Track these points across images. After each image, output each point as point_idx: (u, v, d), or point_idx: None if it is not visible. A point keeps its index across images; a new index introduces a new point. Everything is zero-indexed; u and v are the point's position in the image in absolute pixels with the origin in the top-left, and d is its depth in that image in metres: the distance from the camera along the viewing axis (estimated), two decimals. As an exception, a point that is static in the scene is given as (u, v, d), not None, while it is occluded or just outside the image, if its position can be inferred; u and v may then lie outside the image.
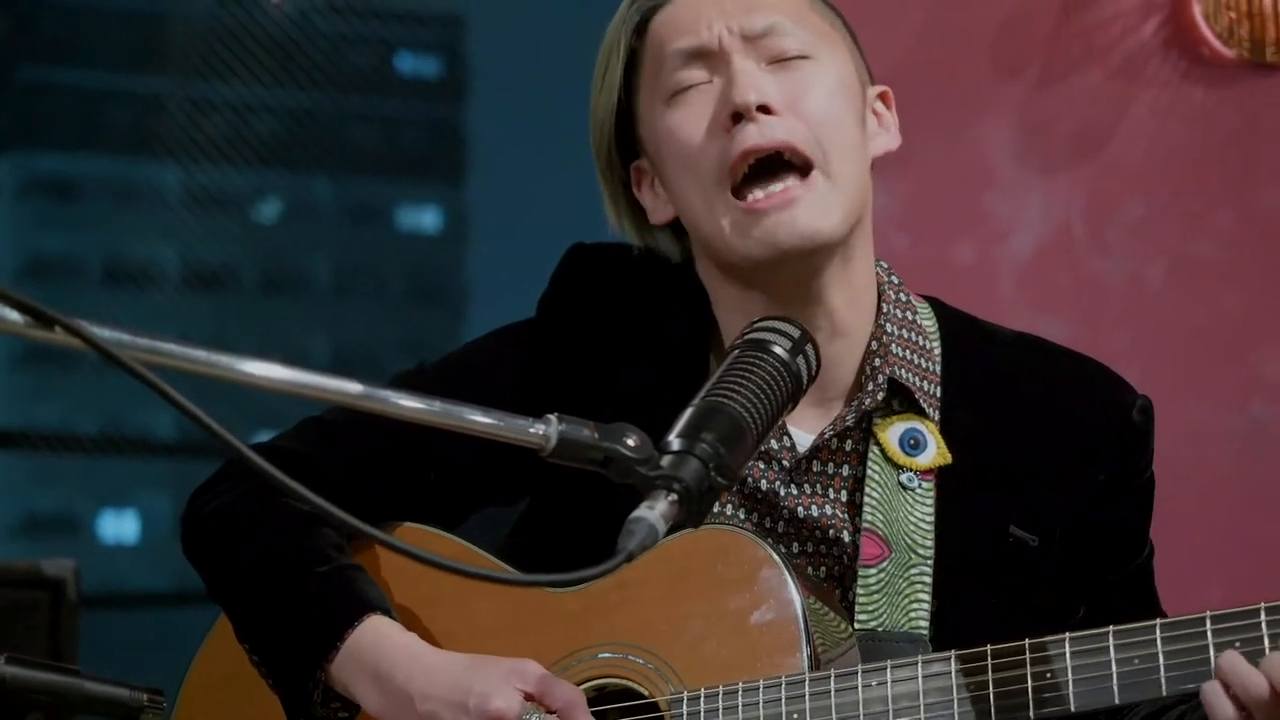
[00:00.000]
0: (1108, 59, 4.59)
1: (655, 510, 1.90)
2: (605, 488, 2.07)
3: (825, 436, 2.53)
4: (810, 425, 2.55)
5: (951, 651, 2.31)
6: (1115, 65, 4.59)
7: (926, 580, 2.50)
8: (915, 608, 2.49)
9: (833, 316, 2.54)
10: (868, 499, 2.51)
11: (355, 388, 1.84)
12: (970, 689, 2.29)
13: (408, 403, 1.87)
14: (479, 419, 1.90)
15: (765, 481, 2.53)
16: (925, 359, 2.58)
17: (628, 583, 2.23)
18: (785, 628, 2.37)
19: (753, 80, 2.50)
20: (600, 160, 2.66)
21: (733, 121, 2.49)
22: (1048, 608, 2.48)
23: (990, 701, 2.27)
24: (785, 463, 2.53)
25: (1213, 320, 4.55)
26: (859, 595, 2.48)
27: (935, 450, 2.54)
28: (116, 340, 1.71)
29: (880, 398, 2.53)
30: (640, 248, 2.66)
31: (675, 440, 1.99)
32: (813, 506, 2.52)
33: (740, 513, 2.53)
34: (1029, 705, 2.25)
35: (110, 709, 2.15)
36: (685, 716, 2.38)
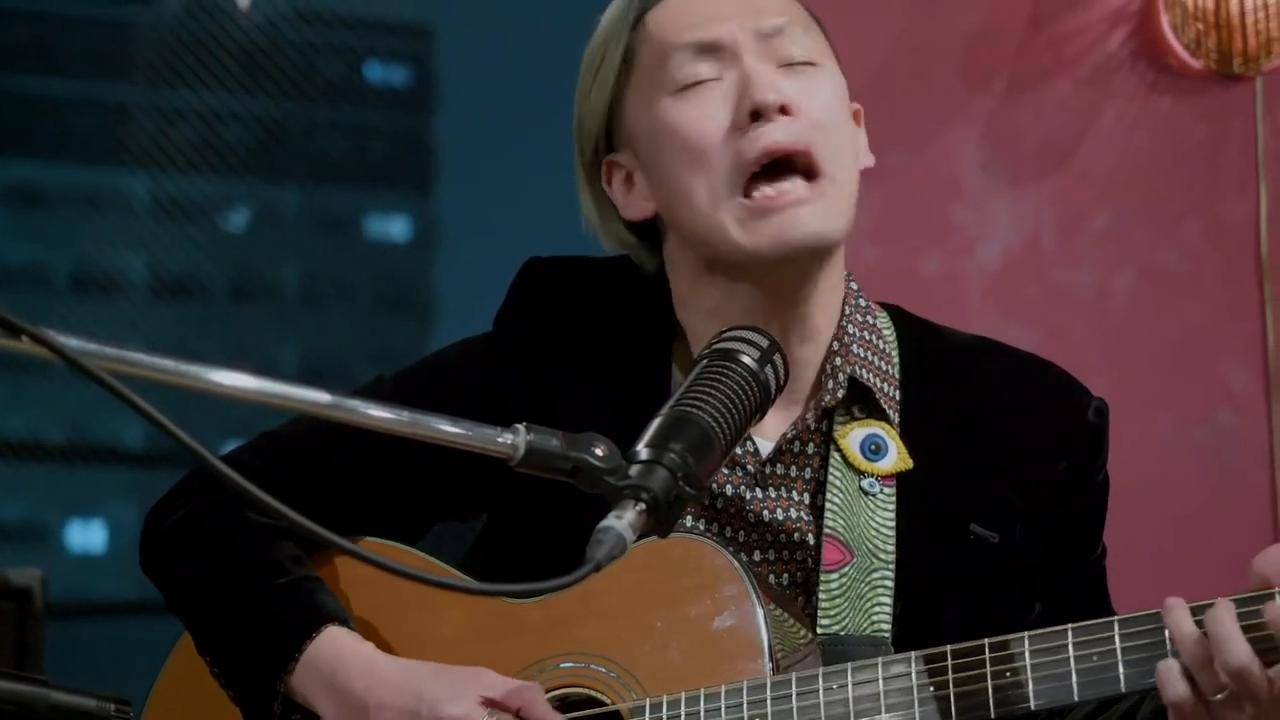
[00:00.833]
0: (1076, 70, 4.61)
1: (624, 520, 1.90)
2: (567, 500, 2.08)
3: (787, 438, 2.54)
4: (773, 429, 2.56)
5: (911, 653, 2.32)
6: (1083, 76, 4.61)
7: (888, 584, 2.51)
8: (877, 611, 2.50)
9: (808, 320, 2.56)
10: (829, 504, 2.52)
11: (324, 397, 1.84)
12: (931, 689, 2.30)
13: (376, 412, 1.87)
14: (447, 428, 1.90)
15: (730, 486, 2.53)
16: (885, 362, 2.60)
17: (590, 593, 2.23)
18: (747, 634, 2.38)
19: (771, 80, 2.52)
20: (584, 156, 2.65)
21: (750, 119, 2.50)
22: (1009, 605, 2.50)
23: (951, 701, 2.28)
24: (750, 467, 2.54)
25: (1180, 330, 4.57)
26: (821, 600, 2.49)
27: (896, 455, 2.55)
28: (84, 349, 1.70)
29: (840, 395, 2.54)
30: (598, 259, 2.66)
31: (643, 450, 1.99)
32: (777, 510, 2.53)
33: (701, 523, 2.53)
34: (989, 704, 2.27)
35: (77, 719, 2.15)
36: (649, 725, 2.38)
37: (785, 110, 2.51)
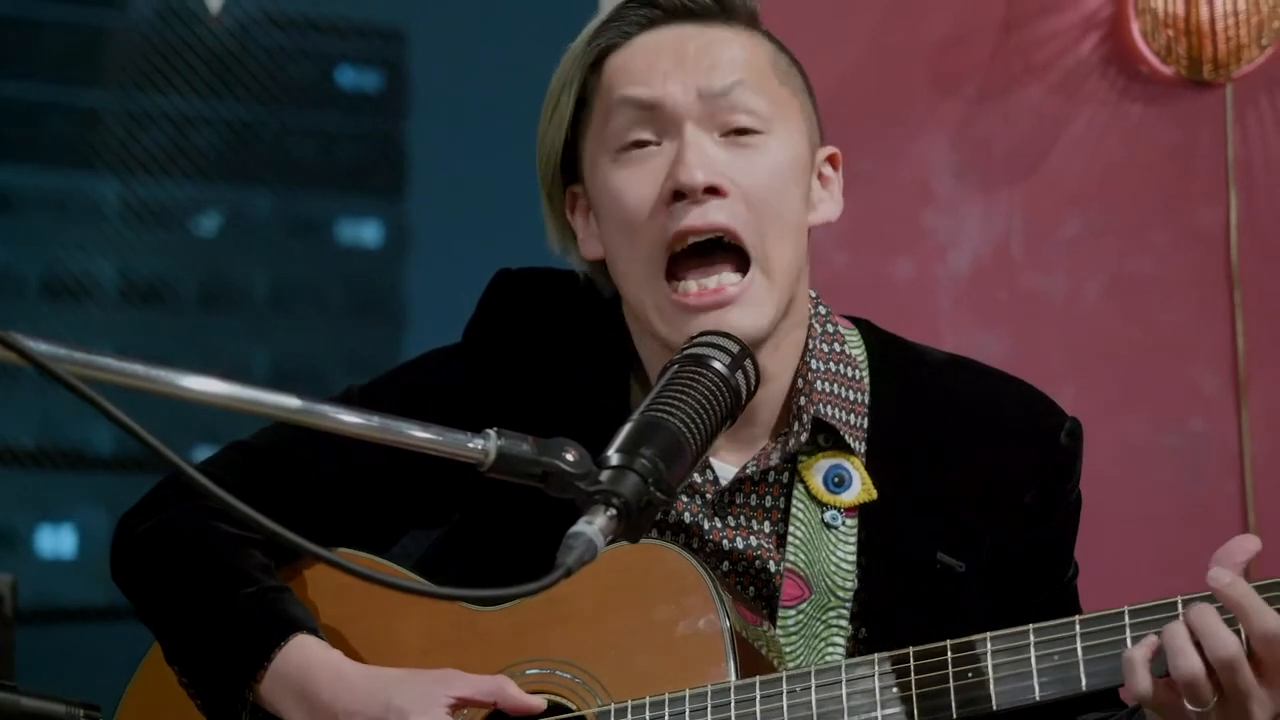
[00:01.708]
0: (1046, 76, 4.62)
1: (594, 525, 1.90)
2: (535, 506, 2.08)
3: (748, 470, 2.53)
4: (734, 460, 2.55)
5: (875, 655, 2.33)
6: (1054, 82, 4.62)
7: (843, 624, 2.51)
8: (831, 651, 2.50)
9: (763, 368, 2.53)
10: (791, 537, 2.51)
11: (294, 402, 1.83)
12: (895, 691, 2.30)
13: (346, 417, 1.87)
14: (418, 434, 1.90)
15: (689, 514, 2.53)
16: (853, 390, 2.57)
17: (555, 599, 2.23)
18: (711, 639, 2.38)
19: (701, 157, 2.46)
20: (544, 187, 2.63)
21: (674, 198, 2.46)
22: (974, 632, 2.49)
23: (914, 703, 2.29)
24: (708, 495, 2.53)
25: (1151, 336, 4.58)
26: (779, 636, 2.49)
27: (860, 487, 2.53)
28: (53, 354, 1.70)
29: (804, 438, 2.53)
30: (567, 271, 2.66)
31: (614, 455, 1.99)
32: (737, 539, 2.52)
33: (663, 546, 2.53)
34: (951, 705, 2.27)
35: (46, 725, 2.14)
36: (613, 730, 2.39)
37: (715, 190, 2.45)
